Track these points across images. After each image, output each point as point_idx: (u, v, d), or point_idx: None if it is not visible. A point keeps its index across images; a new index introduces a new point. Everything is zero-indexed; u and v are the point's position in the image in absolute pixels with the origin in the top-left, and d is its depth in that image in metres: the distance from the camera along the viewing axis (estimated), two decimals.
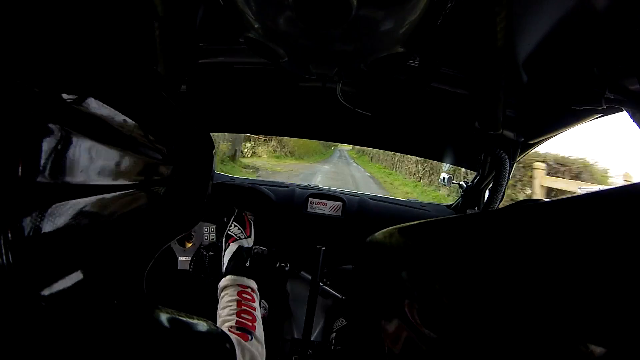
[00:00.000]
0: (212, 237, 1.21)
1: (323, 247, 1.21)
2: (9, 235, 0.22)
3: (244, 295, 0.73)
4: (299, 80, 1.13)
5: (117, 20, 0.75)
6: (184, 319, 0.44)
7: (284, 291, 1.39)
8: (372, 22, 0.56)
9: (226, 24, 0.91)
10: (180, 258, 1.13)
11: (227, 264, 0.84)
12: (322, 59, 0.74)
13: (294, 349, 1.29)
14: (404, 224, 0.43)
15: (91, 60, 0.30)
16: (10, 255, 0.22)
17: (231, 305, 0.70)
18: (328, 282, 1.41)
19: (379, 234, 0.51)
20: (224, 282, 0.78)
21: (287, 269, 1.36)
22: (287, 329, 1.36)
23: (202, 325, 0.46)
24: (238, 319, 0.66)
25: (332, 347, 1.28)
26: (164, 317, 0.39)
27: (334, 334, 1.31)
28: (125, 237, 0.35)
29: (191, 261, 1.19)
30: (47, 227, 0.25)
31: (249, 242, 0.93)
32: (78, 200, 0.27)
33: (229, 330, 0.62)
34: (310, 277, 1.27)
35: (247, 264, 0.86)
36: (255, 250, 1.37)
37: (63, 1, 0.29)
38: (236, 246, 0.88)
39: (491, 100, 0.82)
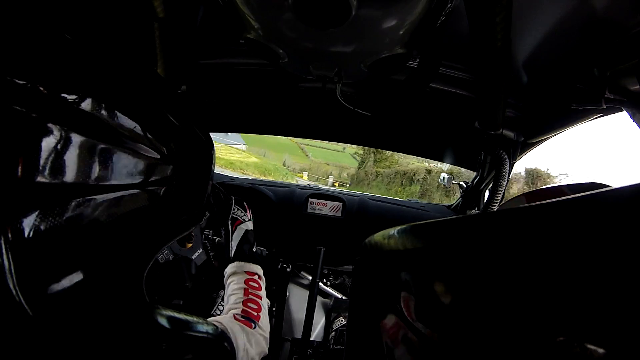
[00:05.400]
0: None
1: (323, 248, 1.21)
2: (9, 235, 0.22)
3: (250, 283, 0.74)
4: (298, 81, 1.13)
5: (118, 21, 0.75)
6: (183, 319, 0.44)
7: (284, 291, 1.39)
8: (372, 22, 0.56)
9: (226, 25, 0.91)
10: (193, 257, 1.13)
11: (236, 249, 0.84)
12: (322, 59, 0.73)
13: (293, 348, 1.29)
14: (404, 225, 0.43)
15: (91, 61, 0.30)
16: (10, 255, 0.22)
17: (237, 293, 0.71)
18: (328, 283, 1.41)
19: (377, 235, 0.51)
20: (231, 268, 0.78)
21: (288, 270, 1.36)
22: (287, 329, 1.36)
23: (201, 325, 0.47)
24: (244, 307, 0.67)
25: (332, 347, 1.28)
26: (163, 317, 0.39)
27: (333, 334, 1.31)
28: (125, 237, 0.35)
29: (205, 250, 1.17)
30: (47, 227, 0.25)
31: (251, 225, 0.92)
32: (78, 200, 0.27)
33: (234, 316, 0.63)
34: (310, 278, 1.27)
35: (254, 249, 0.86)
36: (255, 250, 1.37)
37: (64, 2, 0.29)
38: (243, 230, 0.88)
39: (491, 100, 0.82)
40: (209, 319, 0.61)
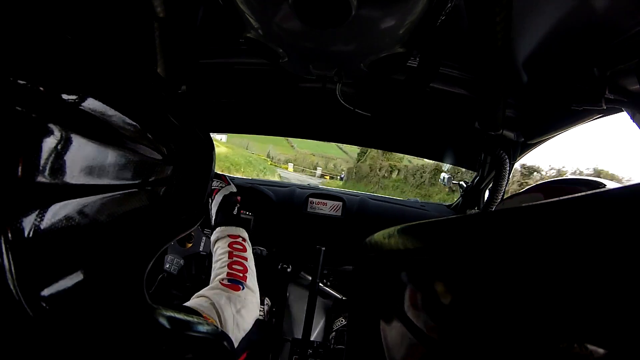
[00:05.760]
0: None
1: (323, 248, 1.21)
2: (9, 235, 0.22)
3: (234, 245, 0.72)
4: (298, 80, 1.13)
5: (118, 21, 0.75)
6: (184, 319, 0.44)
7: (284, 292, 1.39)
8: (372, 22, 0.56)
9: (226, 25, 0.91)
10: (200, 249, 1.13)
11: (216, 216, 0.81)
12: (322, 59, 0.74)
13: (294, 349, 1.29)
14: (404, 225, 0.43)
15: (91, 61, 0.30)
16: (10, 255, 0.22)
17: (223, 258, 0.70)
18: (328, 283, 1.41)
19: (377, 235, 0.51)
20: (215, 234, 0.76)
21: (289, 270, 1.36)
22: (287, 329, 1.36)
23: (201, 326, 0.47)
24: (229, 270, 0.66)
25: (332, 347, 1.28)
26: (163, 317, 0.39)
27: (333, 334, 1.31)
28: (125, 237, 0.35)
29: (182, 264, 1.19)
30: (47, 227, 0.25)
31: (231, 189, 0.87)
32: (78, 200, 0.27)
33: (220, 283, 0.63)
34: (310, 278, 1.27)
35: (235, 212, 0.82)
36: (254, 250, 1.37)
37: (64, 2, 0.29)
38: (221, 196, 0.84)
39: (491, 100, 0.82)
40: (196, 293, 0.60)
